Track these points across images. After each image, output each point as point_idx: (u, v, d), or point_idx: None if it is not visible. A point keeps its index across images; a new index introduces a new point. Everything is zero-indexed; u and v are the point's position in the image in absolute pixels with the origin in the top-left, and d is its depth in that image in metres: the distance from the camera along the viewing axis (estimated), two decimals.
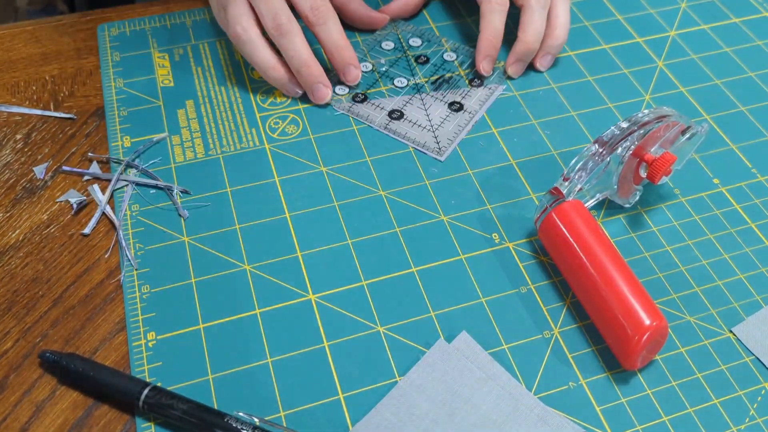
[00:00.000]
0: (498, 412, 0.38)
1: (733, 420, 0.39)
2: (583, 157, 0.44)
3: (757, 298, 0.44)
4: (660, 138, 0.44)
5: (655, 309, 0.38)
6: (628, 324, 0.38)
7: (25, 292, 0.42)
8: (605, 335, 0.40)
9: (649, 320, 0.38)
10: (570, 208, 0.42)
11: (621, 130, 0.44)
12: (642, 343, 0.38)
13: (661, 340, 0.39)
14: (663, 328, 0.38)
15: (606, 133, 0.44)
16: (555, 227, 0.42)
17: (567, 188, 0.43)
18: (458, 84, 0.55)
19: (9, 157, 0.49)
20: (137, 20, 0.58)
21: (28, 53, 0.56)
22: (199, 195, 0.47)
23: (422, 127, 0.51)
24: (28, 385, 0.39)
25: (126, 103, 0.52)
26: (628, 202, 0.47)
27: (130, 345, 0.40)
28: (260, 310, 0.42)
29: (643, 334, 0.38)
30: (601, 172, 0.44)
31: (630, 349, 0.38)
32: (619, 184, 0.45)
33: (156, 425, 0.37)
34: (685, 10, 0.63)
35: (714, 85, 0.56)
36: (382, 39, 0.58)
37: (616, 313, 0.38)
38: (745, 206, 0.48)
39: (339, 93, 0.53)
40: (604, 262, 0.40)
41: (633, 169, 0.45)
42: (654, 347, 0.39)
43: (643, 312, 0.38)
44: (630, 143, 0.43)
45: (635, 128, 0.44)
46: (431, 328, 0.41)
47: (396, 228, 0.46)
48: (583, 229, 0.41)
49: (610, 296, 0.39)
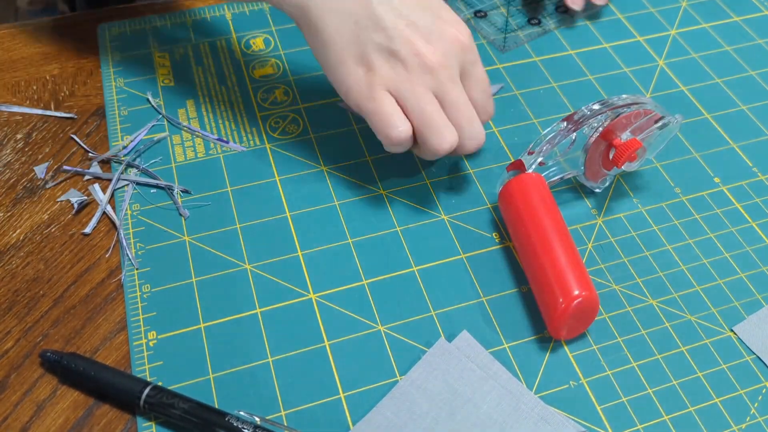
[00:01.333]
0: (499, 411, 0.38)
1: (733, 419, 0.39)
2: (551, 132, 0.45)
3: (757, 297, 0.44)
4: (632, 124, 0.45)
5: (587, 281, 0.39)
6: (558, 291, 0.39)
7: (26, 291, 0.42)
8: (538, 301, 0.41)
9: (578, 290, 0.39)
10: (527, 180, 0.43)
11: (591, 111, 0.45)
12: (569, 310, 0.38)
13: (590, 313, 0.40)
14: (591, 299, 0.39)
15: (577, 112, 0.45)
16: (510, 197, 0.43)
17: (529, 161, 0.44)
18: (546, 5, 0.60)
19: (10, 157, 0.49)
20: (138, 20, 0.58)
21: (29, 53, 0.56)
22: (200, 194, 0.47)
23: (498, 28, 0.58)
24: (29, 385, 0.39)
25: (126, 103, 0.52)
26: (598, 187, 0.48)
27: (131, 344, 0.40)
28: (261, 310, 0.42)
29: (570, 302, 0.38)
30: (567, 148, 0.44)
31: (557, 316, 0.39)
32: (586, 165, 0.46)
33: (157, 425, 0.37)
34: (685, 9, 0.63)
35: (715, 83, 0.56)
36: None
37: (550, 280, 0.39)
38: (746, 205, 0.48)
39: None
40: (548, 232, 0.41)
41: (601, 152, 0.46)
42: (583, 318, 0.40)
43: (574, 281, 0.39)
44: (598, 124, 0.44)
45: (606, 110, 0.44)
46: (432, 328, 0.41)
47: (397, 227, 0.46)
48: (537, 201, 0.42)
49: (546, 264, 0.40)
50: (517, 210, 0.43)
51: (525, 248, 0.42)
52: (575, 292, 0.38)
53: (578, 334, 0.41)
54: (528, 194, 0.43)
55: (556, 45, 0.58)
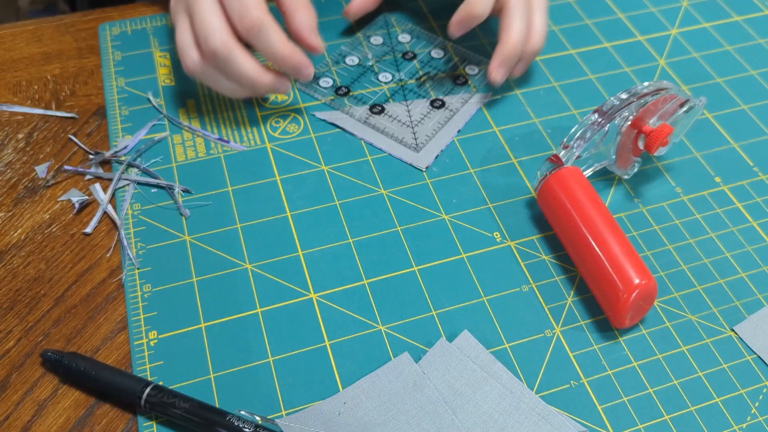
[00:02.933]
0: (499, 411, 0.38)
1: (734, 419, 0.39)
2: (582, 126, 0.45)
3: (758, 296, 0.44)
4: (658, 110, 0.45)
5: (644, 269, 0.40)
6: (619, 282, 0.39)
7: (27, 291, 0.42)
8: (596, 294, 0.42)
9: (639, 279, 0.39)
10: (568, 174, 0.44)
11: (620, 101, 0.45)
12: (631, 300, 0.39)
13: (649, 299, 0.40)
14: (652, 287, 0.40)
15: (606, 104, 0.45)
16: (553, 192, 0.44)
17: (565, 155, 0.44)
18: (443, 82, 0.54)
19: (11, 157, 0.49)
20: (138, 19, 0.58)
21: (30, 53, 0.56)
22: (201, 194, 0.47)
23: (402, 122, 0.51)
24: (30, 384, 0.39)
25: (127, 102, 0.52)
26: (627, 173, 0.48)
27: (132, 344, 0.40)
28: (261, 309, 0.42)
29: (632, 292, 0.39)
30: (599, 141, 0.45)
31: (619, 307, 0.39)
32: (617, 154, 0.46)
33: (158, 424, 0.37)
34: (686, 9, 0.63)
35: (716, 83, 0.56)
36: (372, 34, 0.58)
37: (608, 272, 0.40)
38: (747, 204, 0.48)
39: (323, 85, 0.53)
40: (598, 224, 0.41)
41: (631, 140, 0.46)
42: (643, 306, 0.40)
43: (633, 271, 0.39)
44: (628, 113, 0.44)
45: (634, 99, 0.45)
46: (433, 327, 0.41)
47: (397, 227, 0.46)
48: (580, 193, 0.43)
49: (602, 257, 0.40)
50: (563, 204, 0.43)
51: (577, 242, 0.42)
52: (636, 281, 0.39)
53: (639, 321, 0.42)
54: (571, 188, 0.43)
55: (557, 45, 0.58)
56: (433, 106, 0.52)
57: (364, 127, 0.51)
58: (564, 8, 0.62)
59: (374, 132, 0.51)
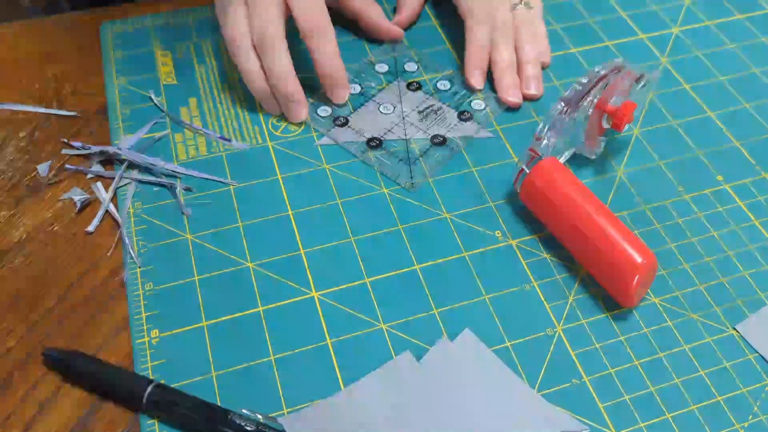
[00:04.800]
0: (500, 409, 0.38)
1: (736, 417, 0.39)
2: (550, 117, 0.45)
3: (760, 295, 0.44)
4: (617, 89, 0.46)
5: (643, 247, 0.41)
6: (621, 265, 0.40)
7: (29, 290, 0.42)
8: (600, 279, 0.42)
9: (641, 258, 0.40)
10: (548, 165, 0.44)
11: (582, 86, 0.46)
12: (636, 281, 0.40)
13: (652, 273, 0.42)
14: (653, 263, 0.41)
15: (569, 91, 0.46)
16: (536, 185, 0.44)
17: (541, 147, 0.45)
18: (446, 116, 0.52)
19: (13, 155, 0.49)
20: (140, 18, 0.58)
21: (32, 51, 0.56)
22: (202, 192, 0.47)
23: (399, 159, 0.49)
24: (33, 383, 0.39)
25: (129, 101, 0.52)
26: (594, 153, 0.49)
27: (134, 342, 0.40)
28: (263, 308, 0.42)
29: (635, 273, 0.40)
30: (570, 128, 0.45)
31: (625, 288, 0.40)
32: (585, 136, 0.47)
33: (160, 422, 0.37)
34: (688, 7, 0.62)
35: (718, 81, 0.56)
36: (377, 62, 0.56)
37: (609, 256, 0.41)
38: (749, 203, 0.48)
39: (321, 115, 0.51)
40: (588, 210, 0.42)
41: (596, 121, 0.47)
42: (647, 282, 0.41)
43: (634, 251, 0.40)
44: (592, 97, 0.45)
45: (594, 83, 0.46)
46: (434, 326, 0.41)
47: (399, 225, 0.46)
48: (564, 182, 0.43)
49: (600, 242, 0.41)
50: (550, 196, 0.43)
51: (571, 230, 0.43)
52: (639, 260, 0.40)
53: (643, 297, 0.43)
54: (553, 178, 0.44)
55: (559, 43, 0.58)
56: (433, 142, 0.50)
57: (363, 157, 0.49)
58: (565, 7, 0.62)
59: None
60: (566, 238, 0.44)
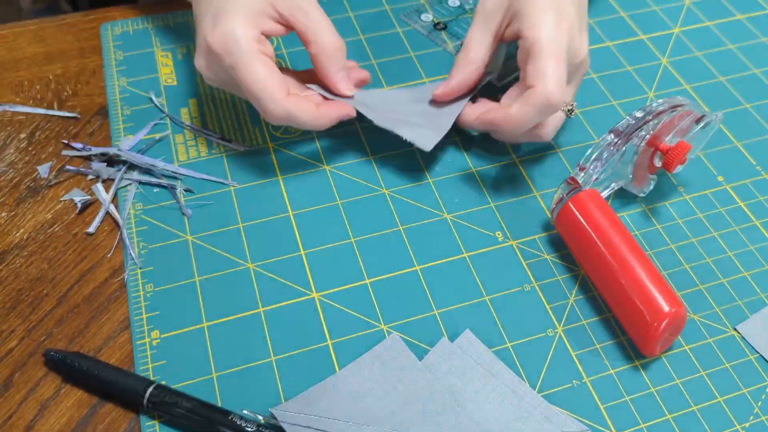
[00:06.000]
0: (501, 410, 0.38)
1: (737, 418, 0.39)
2: (598, 147, 0.44)
3: (761, 296, 0.44)
4: (674, 127, 0.45)
5: (673, 295, 0.39)
6: (647, 311, 0.38)
7: (30, 290, 0.43)
8: (624, 323, 0.40)
9: (668, 306, 0.38)
10: (587, 198, 0.42)
11: (636, 120, 0.44)
12: (661, 329, 0.38)
13: (680, 324, 0.39)
14: (681, 314, 0.39)
15: (621, 123, 0.44)
16: (572, 216, 0.42)
17: (583, 178, 0.43)
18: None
19: (13, 157, 0.49)
20: (140, 19, 0.58)
21: (32, 52, 0.56)
22: (203, 194, 0.47)
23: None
24: (33, 384, 0.39)
25: (129, 102, 0.52)
26: (643, 192, 0.47)
27: (134, 343, 0.40)
28: (264, 309, 0.42)
29: (662, 321, 0.38)
30: (617, 162, 0.44)
31: (649, 336, 0.38)
32: (633, 173, 0.45)
33: (160, 423, 0.37)
34: (689, 7, 0.62)
35: (718, 82, 0.56)
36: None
37: (635, 300, 0.39)
38: (750, 204, 0.48)
39: (424, 20, 0.58)
40: (621, 250, 0.40)
41: (648, 158, 0.45)
42: (673, 332, 0.39)
43: (662, 298, 0.38)
44: (645, 133, 0.43)
45: (649, 118, 0.44)
46: (434, 327, 0.41)
47: (399, 226, 0.46)
48: (600, 217, 0.41)
49: (628, 283, 0.39)
50: (584, 229, 0.42)
51: (601, 269, 0.41)
52: (666, 309, 0.38)
53: (669, 346, 0.41)
54: (591, 212, 0.42)
55: None
56: None
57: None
58: None
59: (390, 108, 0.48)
60: (595, 275, 0.42)
